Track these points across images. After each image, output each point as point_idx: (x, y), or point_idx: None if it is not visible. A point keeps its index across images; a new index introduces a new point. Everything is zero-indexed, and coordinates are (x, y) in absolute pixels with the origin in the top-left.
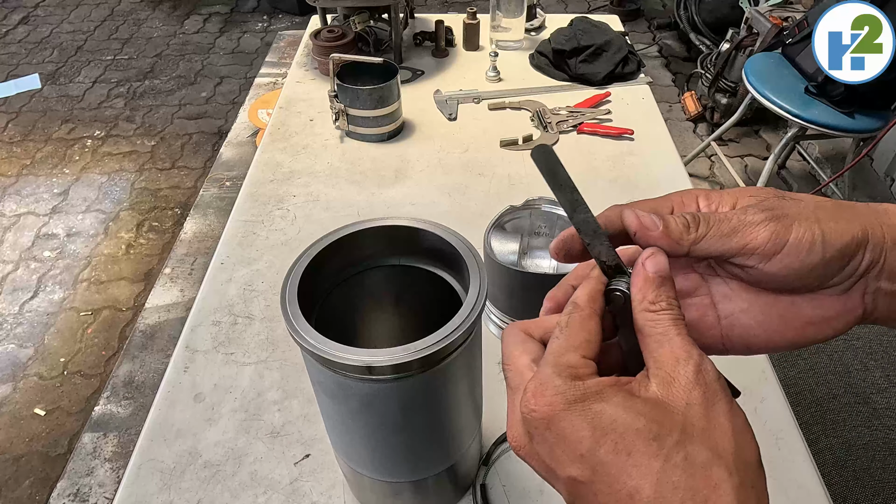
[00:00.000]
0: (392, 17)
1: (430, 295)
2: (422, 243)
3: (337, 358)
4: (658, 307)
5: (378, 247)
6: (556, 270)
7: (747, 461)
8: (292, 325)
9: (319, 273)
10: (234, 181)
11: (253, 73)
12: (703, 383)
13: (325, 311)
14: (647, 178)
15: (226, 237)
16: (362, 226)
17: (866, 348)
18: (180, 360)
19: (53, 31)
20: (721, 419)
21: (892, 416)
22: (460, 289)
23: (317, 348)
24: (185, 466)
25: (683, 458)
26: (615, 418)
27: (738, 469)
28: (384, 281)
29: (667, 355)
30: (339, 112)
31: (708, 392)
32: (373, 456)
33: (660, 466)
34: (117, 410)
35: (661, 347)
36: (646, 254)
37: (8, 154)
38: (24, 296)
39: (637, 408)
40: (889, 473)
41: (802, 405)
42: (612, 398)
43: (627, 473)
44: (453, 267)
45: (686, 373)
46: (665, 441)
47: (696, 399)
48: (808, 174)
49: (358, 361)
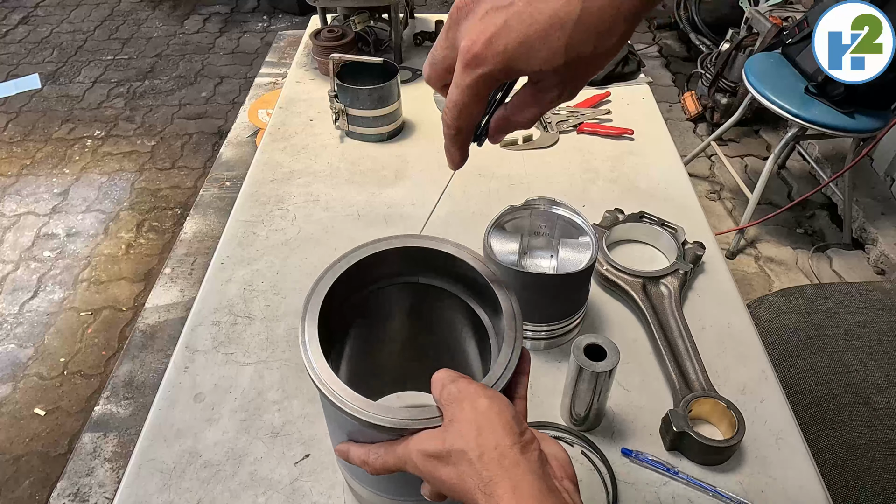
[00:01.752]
0: (392, 17)
1: (449, 314)
2: (455, 269)
3: (361, 415)
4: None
5: (402, 266)
6: (556, 270)
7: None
8: (316, 375)
9: (337, 291)
10: (234, 181)
11: (253, 73)
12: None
13: (340, 326)
14: (647, 178)
15: (226, 237)
16: (394, 244)
17: (866, 348)
18: (180, 360)
19: (53, 31)
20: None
21: (892, 416)
22: (482, 313)
23: (347, 404)
24: (185, 466)
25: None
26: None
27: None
28: (403, 297)
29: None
30: (339, 112)
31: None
32: (382, 479)
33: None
34: (117, 410)
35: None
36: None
37: (8, 154)
38: (24, 296)
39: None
40: (889, 473)
41: (802, 405)
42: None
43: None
44: (480, 294)
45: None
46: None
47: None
48: (808, 174)
49: (383, 421)
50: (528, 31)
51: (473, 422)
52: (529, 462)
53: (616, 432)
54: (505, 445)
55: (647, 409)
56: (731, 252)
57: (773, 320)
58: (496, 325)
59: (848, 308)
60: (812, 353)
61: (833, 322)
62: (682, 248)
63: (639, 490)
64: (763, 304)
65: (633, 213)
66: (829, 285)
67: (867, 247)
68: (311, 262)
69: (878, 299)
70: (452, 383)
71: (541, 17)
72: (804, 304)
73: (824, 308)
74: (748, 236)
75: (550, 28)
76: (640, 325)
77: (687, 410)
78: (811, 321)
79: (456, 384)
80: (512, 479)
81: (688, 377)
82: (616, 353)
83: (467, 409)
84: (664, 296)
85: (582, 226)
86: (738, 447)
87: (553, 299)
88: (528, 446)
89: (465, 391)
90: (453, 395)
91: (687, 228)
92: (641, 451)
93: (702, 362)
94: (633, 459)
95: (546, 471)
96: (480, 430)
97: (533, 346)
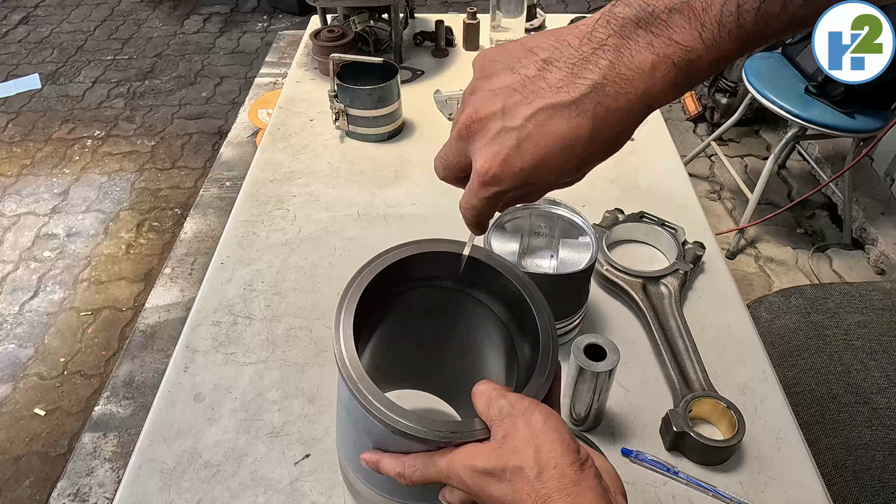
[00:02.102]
0: (392, 17)
1: (474, 320)
2: (500, 284)
3: (402, 426)
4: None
5: (435, 270)
6: (556, 270)
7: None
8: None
9: (373, 290)
10: (234, 181)
11: (253, 73)
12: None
13: (367, 323)
14: (647, 178)
15: (226, 237)
16: (438, 247)
17: (866, 348)
18: (180, 360)
19: (53, 31)
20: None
21: (892, 416)
22: (515, 329)
23: (387, 415)
24: (185, 466)
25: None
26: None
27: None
28: (429, 299)
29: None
30: (339, 112)
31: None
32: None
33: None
34: (117, 410)
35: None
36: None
37: (8, 154)
38: (24, 296)
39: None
40: (889, 473)
41: (802, 405)
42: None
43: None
44: (506, 301)
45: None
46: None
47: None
48: (808, 174)
49: (426, 434)
50: (542, 152)
51: (530, 439)
52: (588, 479)
53: (616, 432)
54: (565, 464)
55: (647, 409)
56: (731, 252)
57: (773, 320)
58: (524, 334)
59: (848, 308)
60: (812, 353)
61: (833, 322)
62: (682, 248)
63: (639, 490)
64: (763, 304)
65: (633, 213)
66: (829, 285)
67: (867, 247)
68: (311, 261)
69: (878, 299)
70: (502, 398)
71: (552, 139)
72: (804, 304)
73: (824, 308)
74: (748, 236)
75: (563, 149)
76: (640, 325)
77: (687, 410)
78: (811, 321)
79: (506, 399)
80: (571, 496)
81: (688, 377)
82: (616, 353)
83: (521, 426)
84: (664, 296)
85: (582, 226)
86: (738, 447)
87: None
88: (585, 463)
89: (518, 406)
90: (505, 410)
91: (687, 228)
92: (641, 451)
93: (702, 362)
94: (633, 459)
95: (604, 486)
96: (539, 448)
97: None
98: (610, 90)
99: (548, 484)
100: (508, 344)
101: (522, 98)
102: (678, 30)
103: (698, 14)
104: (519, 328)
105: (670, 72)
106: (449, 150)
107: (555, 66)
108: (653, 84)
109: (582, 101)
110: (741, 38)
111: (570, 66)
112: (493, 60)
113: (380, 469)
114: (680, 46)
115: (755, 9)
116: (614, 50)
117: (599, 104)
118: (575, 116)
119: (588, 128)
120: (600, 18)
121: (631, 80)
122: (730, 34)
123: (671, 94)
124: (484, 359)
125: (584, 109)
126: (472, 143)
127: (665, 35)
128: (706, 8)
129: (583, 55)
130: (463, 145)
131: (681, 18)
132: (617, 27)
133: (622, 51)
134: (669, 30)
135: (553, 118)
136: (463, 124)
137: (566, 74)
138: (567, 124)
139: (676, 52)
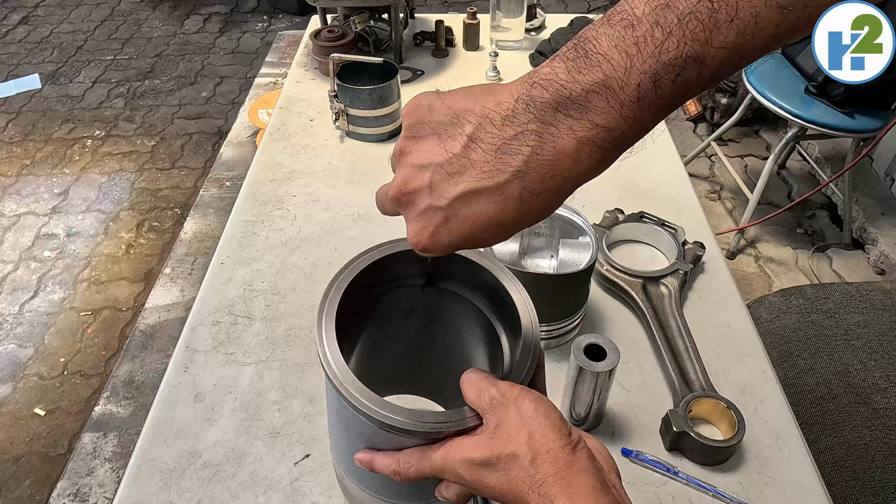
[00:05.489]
0: (392, 17)
1: (457, 317)
2: (475, 275)
3: (389, 420)
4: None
5: (411, 269)
6: (556, 270)
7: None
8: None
9: (355, 291)
10: (234, 181)
11: (253, 73)
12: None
13: (348, 329)
14: (647, 178)
15: (226, 237)
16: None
17: (866, 348)
18: (180, 360)
19: (53, 31)
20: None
21: (892, 416)
22: (488, 310)
23: (373, 409)
24: (185, 466)
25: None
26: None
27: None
28: (411, 300)
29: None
30: (339, 112)
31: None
32: (379, 477)
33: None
34: (117, 410)
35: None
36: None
37: (8, 154)
38: (24, 296)
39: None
40: (889, 473)
41: (802, 405)
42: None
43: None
44: (486, 291)
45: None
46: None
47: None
48: (808, 174)
49: (414, 426)
50: (469, 230)
51: (523, 426)
52: (581, 461)
53: (616, 432)
54: (557, 448)
55: (647, 409)
56: (731, 252)
57: (773, 320)
58: (505, 322)
59: (848, 308)
60: (812, 353)
61: (833, 322)
62: (682, 248)
63: (639, 490)
64: (763, 304)
65: (633, 213)
66: (829, 285)
67: (867, 247)
68: (311, 261)
69: (878, 299)
70: (492, 386)
71: (479, 220)
72: (804, 304)
73: (824, 308)
74: (748, 236)
75: (490, 227)
76: (640, 325)
77: (687, 410)
78: (811, 321)
79: (497, 387)
80: (565, 478)
81: (688, 377)
82: (616, 353)
83: (513, 414)
84: (664, 296)
85: (582, 226)
86: (738, 447)
87: (553, 299)
88: (577, 445)
89: (508, 394)
90: (496, 399)
91: (687, 228)
92: (641, 451)
93: (702, 362)
94: (633, 459)
95: (597, 466)
96: (531, 434)
97: None
98: (535, 175)
99: (542, 469)
100: (492, 336)
101: (448, 176)
102: (598, 112)
103: (616, 93)
104: (500, 318)
105: (594, 153)
106: (386, 202)
107: (479, 147)
108: (577, 165)
109: (506, 186)
110: (661, 107)
111: (494, 150)
112: (422, 123)
113: (374, 468)
114: (601, 128)
115: (672, 80)
116: (536, 136)
117: (525, 188)
118: (501, 200)
119: (514, 210)
120: (519, 99)
121: (555, 164)
122: (650, 107)
123: (598, 170)
124: (470, 355)
125: (509, 194)
126: (403, 211)
127: (585, 119)
128: (623, 87)
129: (504, 139)
130: (396, 208)
131: (599, 99)
132: (536, 112)
133: (544, 136)
134: (589, 113)
135: (479, 201)
136: (393, 195)
137: (491, 157)
138: (493, 207)
139: (599, 133)
